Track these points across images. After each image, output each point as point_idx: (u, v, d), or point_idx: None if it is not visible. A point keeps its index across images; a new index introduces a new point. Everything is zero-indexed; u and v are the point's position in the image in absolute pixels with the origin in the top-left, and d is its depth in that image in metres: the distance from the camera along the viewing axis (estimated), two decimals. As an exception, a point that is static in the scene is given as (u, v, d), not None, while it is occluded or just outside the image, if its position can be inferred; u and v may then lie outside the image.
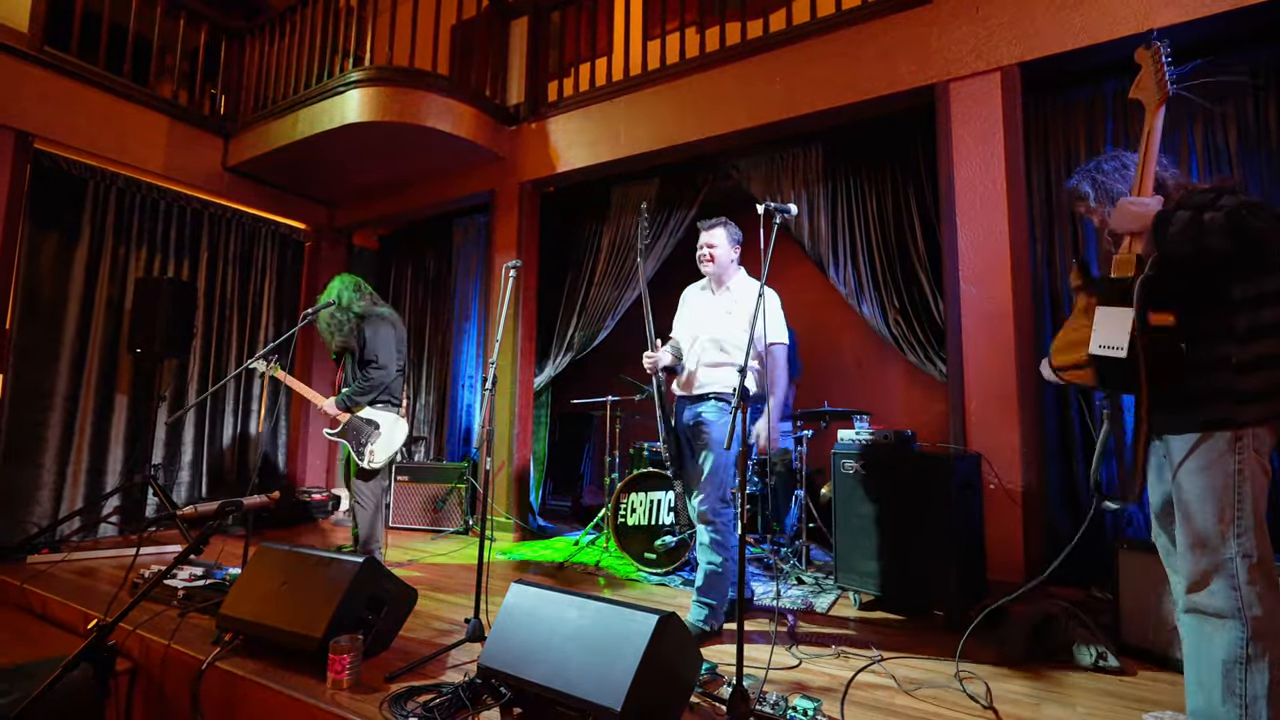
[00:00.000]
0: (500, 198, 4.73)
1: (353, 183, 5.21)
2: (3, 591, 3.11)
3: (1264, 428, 1.40)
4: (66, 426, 4.08)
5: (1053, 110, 3.26)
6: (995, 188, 3.05)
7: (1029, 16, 3.02)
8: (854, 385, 4.69)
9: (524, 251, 4.60)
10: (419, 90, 4.13)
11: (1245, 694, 1.34)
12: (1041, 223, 3.22)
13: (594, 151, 4.28)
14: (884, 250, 3.64)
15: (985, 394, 3.00)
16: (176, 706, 2.08)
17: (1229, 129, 2.88)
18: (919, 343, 3.50)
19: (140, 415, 4.42)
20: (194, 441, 4.78)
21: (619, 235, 4.62)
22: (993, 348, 3.01)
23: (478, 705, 1.70)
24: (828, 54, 3.51)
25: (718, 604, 2.35)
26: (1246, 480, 1.38)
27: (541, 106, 4.63)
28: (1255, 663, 1.33)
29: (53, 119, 3.97)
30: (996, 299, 3.01)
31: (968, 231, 3.11)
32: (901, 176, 3.64)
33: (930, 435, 3.69)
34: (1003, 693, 1.90)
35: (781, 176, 3.99)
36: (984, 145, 3.09)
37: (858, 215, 3.73)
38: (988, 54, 3.10)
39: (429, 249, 5.80)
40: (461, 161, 4.72)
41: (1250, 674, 1.34)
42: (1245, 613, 1.36)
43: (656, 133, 4.03)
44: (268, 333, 5.29)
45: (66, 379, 4.09)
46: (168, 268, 4.64)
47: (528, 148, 4.62)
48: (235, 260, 5.09)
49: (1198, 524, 1.42)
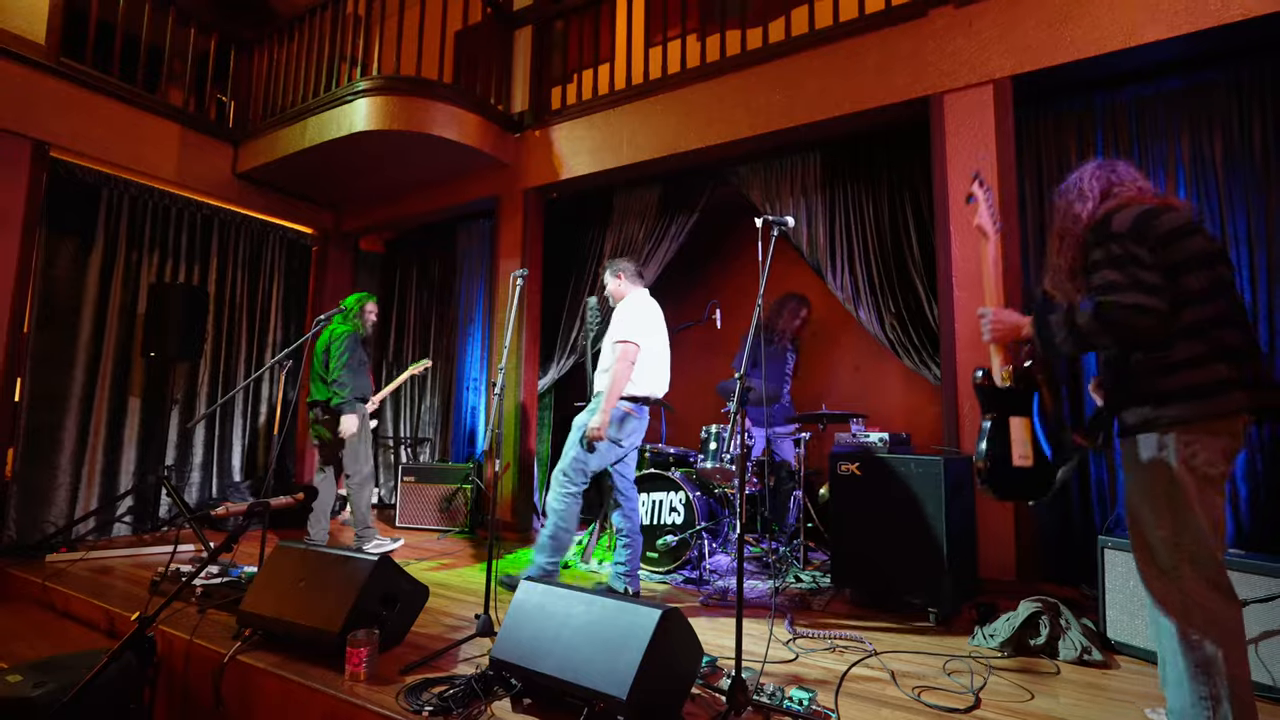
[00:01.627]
0: (505, 204, 4.82)
1: (359, 188, 5.30)
2: (25, 589, 3.21)
3: (1194, 428, 1.39)
4: (82, 429, 4.17)
5: (1045, 121, 3.35)
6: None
7: (1020, 31, 3.11)
8: (851, 388, 4.78)
9: (528, 257, 4.70)
10: (425, 99, 4.22)
11: (1210, 695, 1.34)
12: (1034, 231, 3.30)
13: (597, 159, 4.37)
14: (881, 257, 3.72)
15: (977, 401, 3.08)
16: (199, 699, 2.17)
17: (1215, 141, 2.97)
18: (914, 347, 3.58)
19: (152, 418, 4.52)
20: (204, 444, 4.87)
21: (621, 241, 4.70)
22: (985, 352, 3.08)
23: (490, 695, 1.79)
24: (826, 65, 3.60)
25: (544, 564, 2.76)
26: (1177, 483, 1.39)
27: (545, 114, 4.72)
28: (1213, 665, 1.34)
29: (69, 128, 4.06)
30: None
31: (961, 239, 3.19)
32: (898, 185, 3.72)
33: (925, 437, 3.78)
34: (991, 685, 1.98)
35: (781, 184, 4.07)
36: (977, 155, 3.18)
37: (855, 223, 3.82)
38: (980, 67, 3.19)
39: (434, 253, 5.89)
40: (467, 168, 4.82)
41: (1211, 676, 1.34)
42: (1189, 616, 1.37)
43: (659, 141, 4.12)
44: (276, 335, 5.38)
45: (82, 383, 4.18)
46: (179, 273, 4.73)
47: (532, 155, 4.71)
48: (244, 264, 5.19)
49: (1140, 527, 1.47)
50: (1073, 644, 2.19)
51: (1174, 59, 2.96)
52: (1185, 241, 1.44)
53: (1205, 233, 1.49)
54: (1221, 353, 1.39)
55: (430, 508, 4.71)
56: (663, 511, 3.44)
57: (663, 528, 3.40)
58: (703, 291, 5.13)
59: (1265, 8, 2.57)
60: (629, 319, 2.85)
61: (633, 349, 2.77)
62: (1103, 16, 2.92)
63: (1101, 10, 2.93)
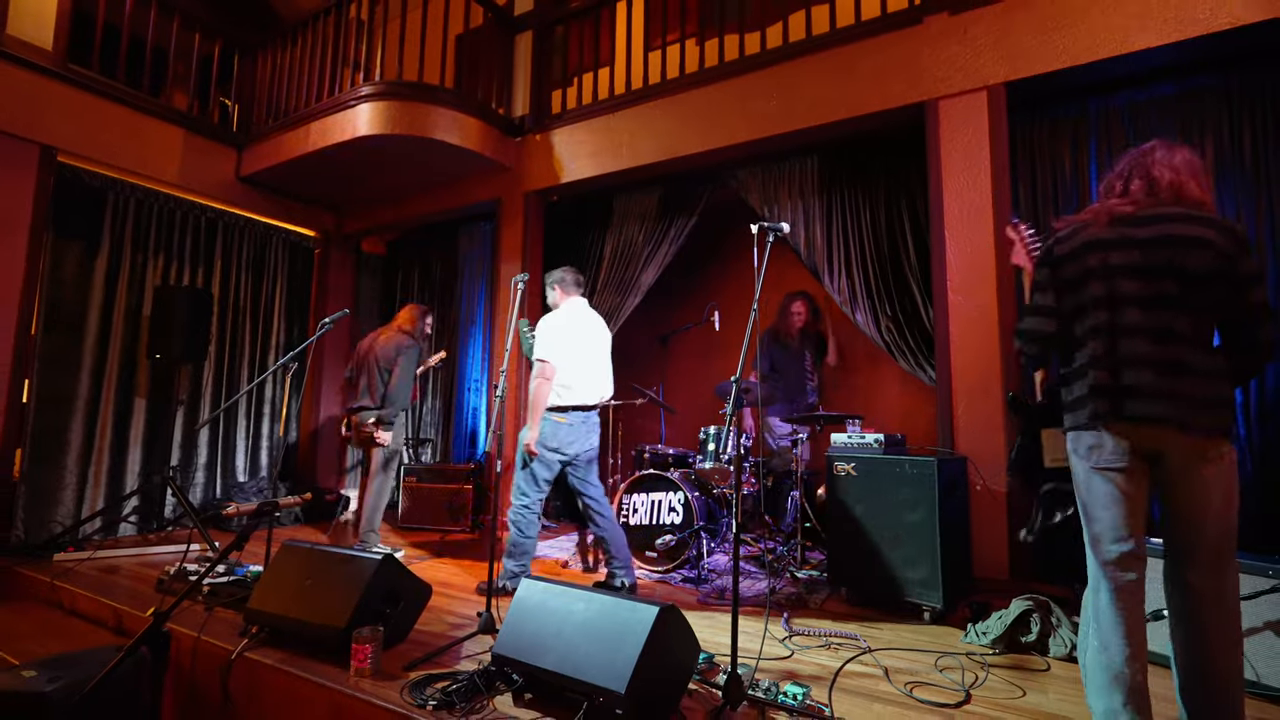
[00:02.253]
0: (506, 206, 4.87)
1: (361, 191, 5.35)
2: (33, 588, 3.26)
3: (1079, 431, 1.58)
4: (88, 430, 4.22)
5: (1039, 127, 3.40)
6: (982, 201, 3.19)
7: (1014, 38, 3.15)
8: (848, 389, 4.82)
9: (528, 259, 4.74)
10: (427, 104, 4.27)
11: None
12: (1028, 234, 3.35)
13: (597, 162, 4.42)
14: (877, 260, 3.77)
15: (972, 399, 3.13)
16: (207, 695, 2.22)
17: (1207, 145, 3.01)
18: (910, 349, 3.63)
19: (157, 419, 4.57)
20: (209, 444, 4.92)
21: (621, 243, 4.75)
22: (979, 355, 3.14)
23: (492, 690, 1.84)
24: (823, 71, 3.65)
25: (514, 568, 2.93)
26: (1078, 478, 1.60)
27: (546, 118, 4.77)
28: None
29: (75, 133, 4.11)
30: (983, 308, 3.14)
31: (956, 243, 3.24)
32: (894, 189, 3.77)
33: (921, 438, 3.82)
34: (983, 681, 2.03)
35: (779, 187, 4.12)
36: (971, 160, 3.22)
37: (852, 226, 3.86)
38: (975, 73, 3.23)
39: (435, 255, 5.94)
40: (468, 171, 4.86)
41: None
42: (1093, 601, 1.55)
43: (658, 145, 4.17)
44: (279, 338, 5.44)
45: (88, 385, 4.23)
46: (184, 275, 4.78)
47: (532, 158, 4.76)
48: (248, 267, 5.24)
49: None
50: (1063, 641, 2.23)
51: (1166, 65, 3.00)
52: (1072, 265, 1.60)
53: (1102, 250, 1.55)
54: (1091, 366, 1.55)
55: (432, 508, 4.76)
56: (661, 511, 3.49)
57: (662, 528, 3.45)
58: (703, 293, 5.17)
59: (1253, 16, 2.61)
60: (545, 335, 2.97)
61: (549, 368, 2.91)
62: (1094, 24, 2.97)
63: (1093, 18, 2.97)
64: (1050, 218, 3.26)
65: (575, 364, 2.98)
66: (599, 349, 3.12)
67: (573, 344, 2.99)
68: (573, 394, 2.98)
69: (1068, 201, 3.24)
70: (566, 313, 3.08)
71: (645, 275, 4.63)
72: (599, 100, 4.50)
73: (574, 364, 2.98)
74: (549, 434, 2.92)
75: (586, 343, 3.06)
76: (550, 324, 3.02)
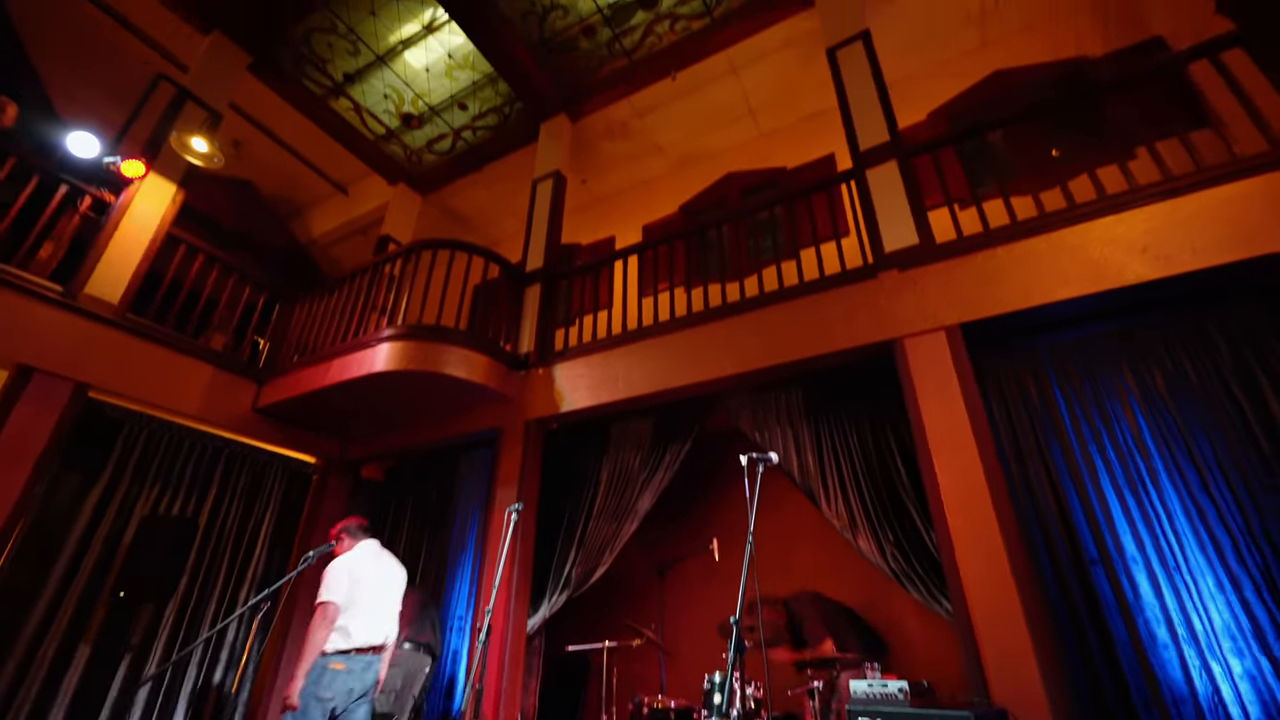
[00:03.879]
0: (507, 434, 5.03)
1: (368, 419, 5.57)
2: None
3: None
4: (17, 677, 3.76)
5: (1002, 361, 3.69)
6: (960, 426, 3.33)
7: (958, 289, 3.62)
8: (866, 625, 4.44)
9: (525, 484, 4.75)
10: (440, 344, 4.70)
11: None
12: (1012, 454, 3.42)
13: (594, 394, 4.70)
14: (870, 483, 3.79)
15: (998, 639, 2.88)
16: None
17: (1155, 375, 3.25)
18: (920, 578, 3.45)
19: (96, 669, 4.09)
20: (145, 702, 4.31)
21: (618, 469, 4.81)
22: (993, 584, 2.98)
23: None
24: (797, 314, 4.10)
25: None
26: None
27: (549, 354, 5.20)
28: None
29: (113, 373, 4.39)
30: (984, 531, 3.07)
31: (944, 467, 3.30)
32: (879, 415, 3.95)
33: (949, 678, 3.42)
34: None
35: (767, 414, 4.33)
36: (943, 390, 3.45)
37: (842, 451, 3.96)
38: (931, 316, 3.64)
39: (432, 480, 5.93)
40: (474, 402, 5.13)
41: None
42: None
43: (652, 378, 4.49)
44: (258, 568, 5.15)
45: (36, 624, 3.89)
46: (174, 504, 4.72)
47: (535, 390, 5.08)
48: (242, 495, 5.19)
49: None
50: None
51: (1096, 310, 3.40)
52: None
53: None
54: None
55: (391, 783, 4.00)
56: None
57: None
58: (701, 520, 5.08)
59: (1154, 273, 3.06)
60: (328, 578, 3.02)
61: (332, 608, 2.92)
62: (1026, 277, 3.45)
63: (1024, 272, 3.46)
64: (1028, 442, 3.37)
65: (360, 604, 2.96)
66: (385, 588, 3.16)
67: (359, 584, 3.01)
68: (356, 636, 2.93)
69: (1041, 429, 3.38)
70: (358, 552, 3.18)
71: (642, 501, 4.59)
72: (598, 339, 4.96)
73: (359, 604, 2.96)
74: (325, 682, 2.82)
75: (369, 584, 3.07)
76: (336, 565, 3.05)
